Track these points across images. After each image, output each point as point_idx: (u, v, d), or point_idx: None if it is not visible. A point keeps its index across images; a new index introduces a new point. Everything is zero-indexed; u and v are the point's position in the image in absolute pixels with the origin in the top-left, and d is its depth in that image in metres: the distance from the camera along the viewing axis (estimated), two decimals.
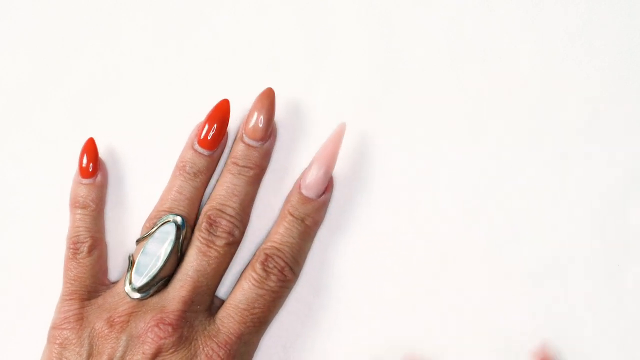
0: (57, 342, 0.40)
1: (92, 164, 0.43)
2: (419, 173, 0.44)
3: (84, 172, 0.43)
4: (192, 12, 0.45)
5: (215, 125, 0.42)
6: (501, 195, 0.44)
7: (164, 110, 0.45)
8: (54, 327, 0.41)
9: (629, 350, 0.43)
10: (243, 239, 0.43)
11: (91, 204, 0.43)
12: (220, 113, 0.42)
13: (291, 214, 0.42)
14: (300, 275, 0.43)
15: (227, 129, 0.43)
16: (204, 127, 0.42)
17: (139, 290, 0.40)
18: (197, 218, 0.42)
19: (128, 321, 0.40)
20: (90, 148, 0.43)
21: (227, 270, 0.43)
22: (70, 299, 0.41)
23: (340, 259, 0.44)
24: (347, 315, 0.43)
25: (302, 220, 0.42)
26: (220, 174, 0.43)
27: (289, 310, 0.43)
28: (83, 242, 0.42)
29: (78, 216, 0.42)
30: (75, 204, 0.43)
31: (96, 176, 0.43)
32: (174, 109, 0.45)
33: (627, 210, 0.44)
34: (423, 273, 0.43)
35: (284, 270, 0.41)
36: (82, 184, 0.43)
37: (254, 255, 0.42)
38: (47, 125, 0.45)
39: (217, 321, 0.40)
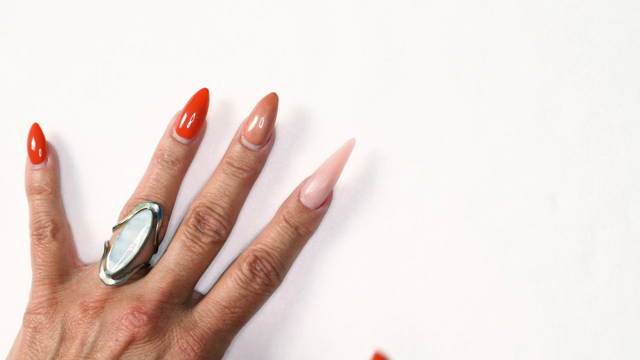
0: (31, 326, 0.40)
1: (41, 148, 0.43)
2: (417, 174, 0.44)
3: (34, 158, 0.43)
4: (191, 11, 0.45)
5: (194, 113, 0.42)
6: (501, 195, 0.44)
7: (150, 102, 0.45)
8: (29, 312, 0.41)
9: (629, 350, 0.42)
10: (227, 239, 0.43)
11: (46, 187, 0.43)
12: (200, 102, 0.42)
13: (286, 220, 0.41)
14: (288, 276, 0.43)
15: (206, 118, 0.43)
16: (182, 115, 0.42)
17: (114, 276, 0.40)
18: (173, 206, 0.42)
19: (103, 307, 0.40)
20: (37, 133, 0.43)
21: (207, 268, 0.43)
22: (42, 284, 0.41)
23: (333, 260, 0.44)
24: (340, 317, 0.43)
25: (296, 228, 0.42)
26: (214, 171, 0.43)
27: (272, 312, 0.43)
28: (45, 227, 0.42)
29: (36, 202, 0.43)
30: (31, 191, 0.43)
31: (46, 160, 0.43)
32: (164, 103, 0.45)
33: (627, 210, 0.44)
34: (420, 274, 0.43)
35: (270, 274, 0.41)
36: (34, 169, 0.43)
37: (242, 254, 0.42)
38: (18, 116, 0.45)
39: (195, 315, 0.40)
